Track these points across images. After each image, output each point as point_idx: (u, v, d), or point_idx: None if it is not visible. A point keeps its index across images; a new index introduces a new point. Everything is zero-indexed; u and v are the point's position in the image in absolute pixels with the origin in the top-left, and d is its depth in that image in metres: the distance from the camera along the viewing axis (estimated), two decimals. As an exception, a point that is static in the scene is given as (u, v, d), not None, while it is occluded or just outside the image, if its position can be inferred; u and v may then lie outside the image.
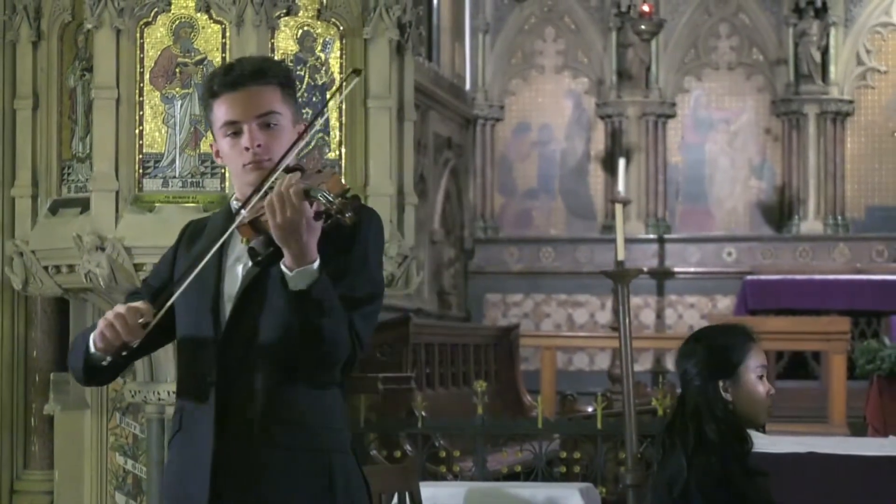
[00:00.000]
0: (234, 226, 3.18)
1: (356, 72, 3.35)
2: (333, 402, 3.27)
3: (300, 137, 3.26)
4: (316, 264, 3.08)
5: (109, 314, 3.18)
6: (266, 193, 3.13)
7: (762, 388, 4.16)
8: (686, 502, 4.03)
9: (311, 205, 3.04)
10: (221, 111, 3.27)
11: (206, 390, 3.23)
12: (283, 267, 3.10)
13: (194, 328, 3.29)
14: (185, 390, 3.33)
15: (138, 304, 3.20)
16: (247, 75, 3.26)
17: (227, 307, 3.26)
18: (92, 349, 3.26)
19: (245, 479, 3.20)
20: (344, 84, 3.31)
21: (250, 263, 3.23)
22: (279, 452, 3.20)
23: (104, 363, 3.23)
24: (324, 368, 3.20)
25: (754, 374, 4.15)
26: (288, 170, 3.21)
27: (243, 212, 3.17)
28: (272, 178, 3.16)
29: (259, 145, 3.23)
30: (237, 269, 3.28)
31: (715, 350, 4.17)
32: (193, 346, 3.30)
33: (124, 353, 3.22)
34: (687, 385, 4.17)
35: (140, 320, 3.16)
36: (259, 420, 3.20)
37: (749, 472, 4.08)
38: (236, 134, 3.26)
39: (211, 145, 3.38)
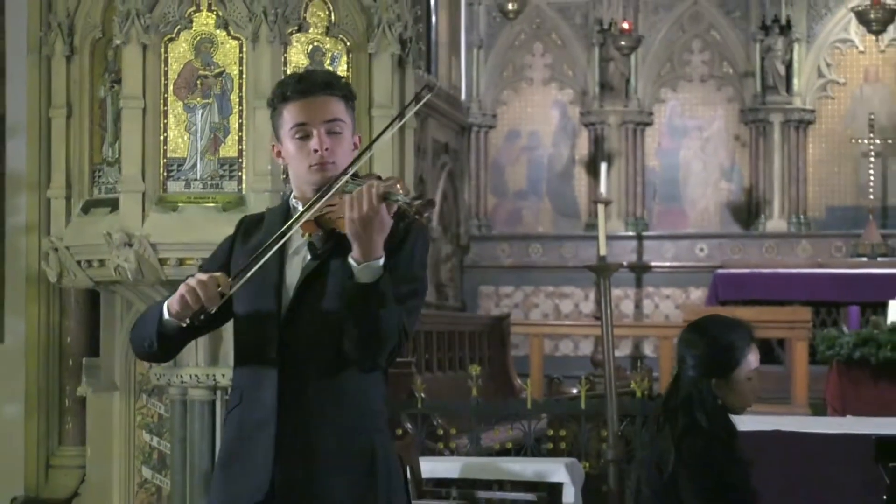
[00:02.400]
0: (300, 221, 3.20)
1: (429, 88, 3.41)
2: (377, 385, 3.29)
3: (368, 147, 3.32)
4: (381, 261, 3.10)
5: (192, 280, 3.18)
6: (331, 195, 3.16)
7: (750, 389, 4.02)
8: (674, 483, 3.93)
9: (388, 208, 3.07)
10: (292, 114, 3.30)
11: (267, 369, 3.24)
12: (350, 260, 3.10)
13: (257, 313, 3.29)
14: (247, 368, 3.31)
15: (217, 274, 3.20)
16: (318, 85, 3.30)
17: (289, 295, 3.27)
18: (166, 315, 3.25)
19: (300, 453, 3.21)
20: (415, 102, 3.34)
21: (309, 257, 3.26)
22: (330, 430, 3.21)
23: (184, 325, 3.22)
24: (376, 354, 3.20)
25: (746, 377, 4.01)
26: (353, 176, 3.25)
27: (303, 210, 3.21)
28: (339, 182, 3.19)
29: (326, 148, 3.27)
30: (296, 261, 3.30)
31: (717, 348, 4.00)
32: (256, 330, 3.29)
33: (202, 317, 3.20)
34: (682, 372, 4.02)
35: (219, 289, 3.17)
36: (315, 398, 3.22)
37: (735, 459, 3.96)
38: (304, 137, 3.28)
39: (273, 146, 3.39)
